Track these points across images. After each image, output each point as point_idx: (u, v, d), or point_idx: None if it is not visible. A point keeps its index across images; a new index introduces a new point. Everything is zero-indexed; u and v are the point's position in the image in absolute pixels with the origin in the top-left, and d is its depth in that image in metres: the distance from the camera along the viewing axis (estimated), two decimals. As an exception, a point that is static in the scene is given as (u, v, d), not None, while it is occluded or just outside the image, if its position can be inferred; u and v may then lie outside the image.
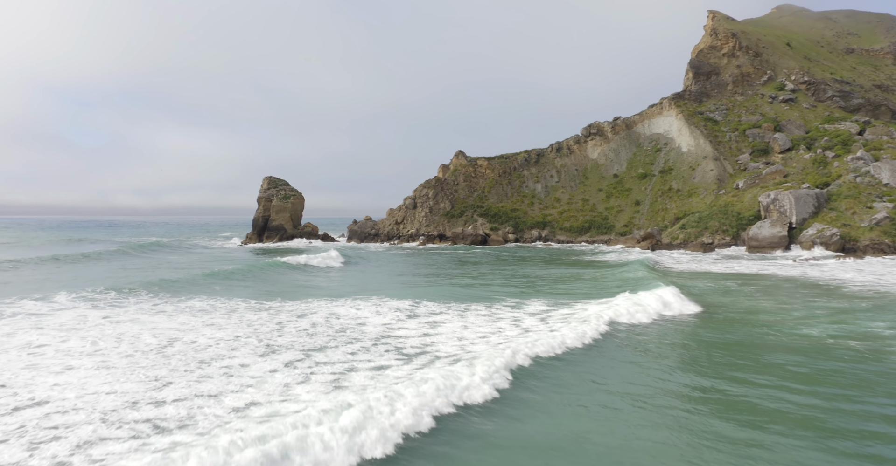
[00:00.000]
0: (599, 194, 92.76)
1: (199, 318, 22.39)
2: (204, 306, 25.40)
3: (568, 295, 29.85)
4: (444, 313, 24.08)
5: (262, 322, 21.66)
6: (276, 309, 24.50)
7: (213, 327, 20.61)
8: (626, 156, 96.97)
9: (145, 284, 31.57)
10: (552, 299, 27.92)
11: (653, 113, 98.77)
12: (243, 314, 23.44)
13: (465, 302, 26.83)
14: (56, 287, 32.85)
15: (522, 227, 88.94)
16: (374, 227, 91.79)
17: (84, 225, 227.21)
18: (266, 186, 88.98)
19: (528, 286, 34.13)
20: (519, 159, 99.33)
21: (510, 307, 25.37)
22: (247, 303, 26.14)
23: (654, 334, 19.69)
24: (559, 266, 49.78)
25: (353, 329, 20.51)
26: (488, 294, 30.03)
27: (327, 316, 23.03)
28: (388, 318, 22.57)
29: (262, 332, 19.66)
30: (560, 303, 26.55)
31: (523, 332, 19.30)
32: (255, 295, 29.53)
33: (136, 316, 22.79)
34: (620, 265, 46.41)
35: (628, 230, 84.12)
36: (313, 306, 25.47)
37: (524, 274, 41.40)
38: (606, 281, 35.67)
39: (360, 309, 24.60)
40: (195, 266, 49.23)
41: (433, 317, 22.97)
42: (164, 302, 26.65)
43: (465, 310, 24.58)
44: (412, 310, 24.44)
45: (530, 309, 25.02)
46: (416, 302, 26.69)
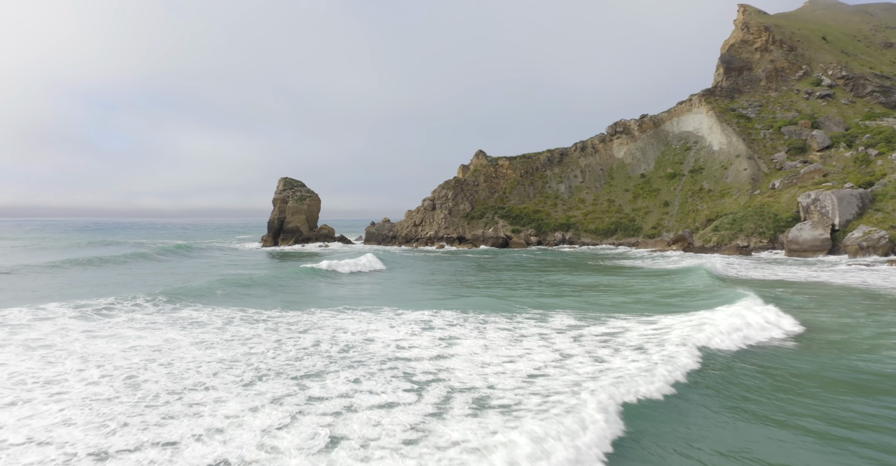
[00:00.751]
0: (626, 195, 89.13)
1: (191, 333, 19.92)
2: (201, 317, 22.97)
3: (618, 308, 26.78)
4: (461, 325, 21.37)
5: (259, 339, 19.09)
6: (278, 323, 21.93)
7: (201, 345, 18.08)
8: (654, 155, 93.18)
9: (149, 291, 29.38)
10: (594, 314, 24.90)
11: (682, 110, 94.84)
12: (239, 328, 20.92)
13: (483, 313, 24.03)
14: (55, 293, 30.82)
15: (545, 229, 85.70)
16: (392, 230, 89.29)
17: (109, 227, 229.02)
18: (282, 187, 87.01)
19: (558, 294, 31.14)
20: (541, 159, 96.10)
21: (534, 319, 22.45)
22: (244, 313, 23.63)
23: (784, 371, 15.00)
24: (594, 272, 46.63)
25: (360, 347, 17.84)
26: (509, 305, 27.12)
27: (334, 331, 20.40)
28: (400, 333, 19.87)
29: (254, 353, 17.07)
30: (602, 319, 23.55)
31: (559, 359, 16.33)
32: (258, 304, 27.04)
33: (120, 330, 20.42)
34: (677, 272, 42.46)
35: (657, 232, 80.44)
36: (319, 318, 22.87)
37: (554, 282, 38.40)
38: (665, 291, 32.33)
39: (370, 322, 21.93)
40: (205, 271, 47.18)
41: (449, 331, 20.23)
42: (159, 311, 24.31)
43: (485, 323, 21.78)
44: (427, 323, 21.73)
45: (556, 322, 22.07)
46: (433, 312, 23.97)
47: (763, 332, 19.32)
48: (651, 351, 16.43)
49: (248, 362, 15.96)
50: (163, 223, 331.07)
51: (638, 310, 25.01)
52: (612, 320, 22.54)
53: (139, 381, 14.03)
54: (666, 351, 15.99)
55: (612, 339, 18.88)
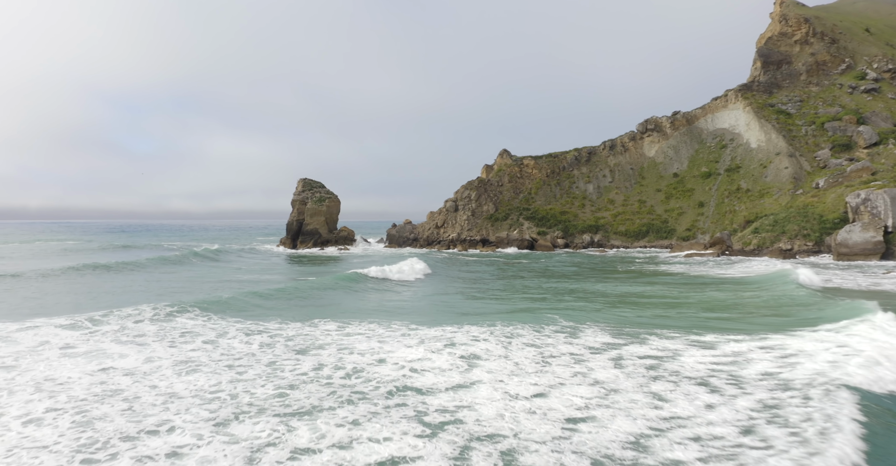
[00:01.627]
0: (658, 195, 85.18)
1: (179, 351, 17.46)
2: (197, 329, 20.47)
3: (659, 323, 23.65)
4: (486, 341, 18.59)
5: (252, 359, 16.50)
6: (276, 338, 19.29)
7: (184, 367, 15.57)
8: (688, 154, 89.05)
9: (154, 300, 27.17)
10: (631, 329, 21.78)
11: (717, 106, 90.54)
12: (234, 344, 18.37)
13: (511, 325, 21.10)
14: (58, 302, 28.73)
15: (573, 232, 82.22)
16: (413, 232, 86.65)
17: (138, 229, 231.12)
18: (300, 188, 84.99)
19: (590, 305, 28.05)
20: (568, 158, 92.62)
21: (565, 334, 19.45)
22: (245, 326, 21.05)
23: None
24: (628, 279, 43.32)
25: (366, 372, 15.12)
26: (537, 316, 24.13)
27: (339, 350, 17.75)
28: (415, 353, 17.11)
29: (242, 379, 14.46)
30: (642, 337, 20.45)
31: (602, 394, 13.29)
32: (265, 316, 24.49)
33: (103, 346, 18.04)
34: (752, 282, 38.64)
35: (691, 234, 76.44)
36: (323, 332, 20.18)
37: (585, 291, 35.27)
38: (720, 302, 28.99)
39: (383, 340, 19.15)
40: (224, 277, 45.07)
41: (470, 348, 17.50)
42: (154, 322, 21.90)
43: (510, 339, 18.87)
44: (446, 338, 18.92)
45: (590, 338, 19.04)
46: (453, 325, 21.14)
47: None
48: (726, 391, 13.28)
49: (232, 391, 13.35)
50: (189, 225, 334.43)
51: (683, 327, 21.81)
52: (654, 339, 19.46)
53: (91, 418, 11.50)
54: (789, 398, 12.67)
55: (661, 365, 15.86)
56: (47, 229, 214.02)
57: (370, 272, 39.28)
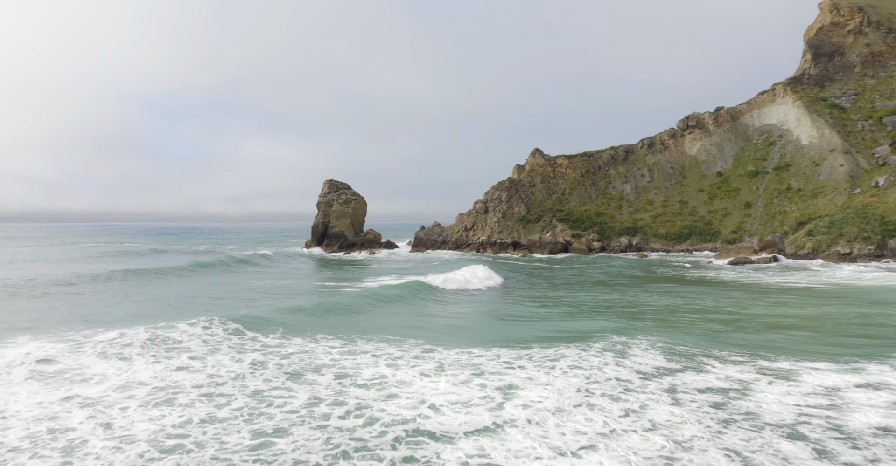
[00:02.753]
0: (700, 195, 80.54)
1: (162, 377, 14.86)
2: (197, 351, 17.85)
3: (716, 341, 20.21)
4: (521, 363, 15.55)
5: (239, 389, 13.75)
6: (276, 357, 16.50)
7: (157, 399, 12.98)
8: (732, 152, 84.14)
9: (162, 313, 24.83)
10: (685, 349, 18.40)
11: (763, 101, 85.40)
12: (221, 365, 15.65)
13: (551, 346, 17.93)
14: (73, 313, 26.58)
15: (609, 234, 78.20)
16: (442, 234, 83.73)
17: (176, 231, 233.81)
18: (326, 190, 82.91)
19: (635, 318, 24.67)
20: (604, 157, 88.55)
21: (611, 353, 16.20)
22: (237, 339, 18.36)
23: None
24: (673, 287, 39.63)
25: (368, 410, 12.25)
26: (582, 336, 20.91)
27: (338, 375, 14.89)
28: (435, 383, 14.13)
29: (216, 419, 11.76)
30: (698, 360, 17.13)
31: (668, 453, 10.03)
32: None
33: (86, 362, 15.70)
34: (831, 292, 34.81)
35: (738, 237, 71.74)
36: (323, 351, 17.33)
37: (630, 302, 31.84)
38: (826, 322, 25.07)
39: (395, 364, 16.22)
40: (260, 287, 42.85)
41: (503, 376, 14.43)
42: (149, 342, 19.40)
43: (552, 362, 15.70)
44: (473, 364, 15.89)
45: (638, 360, 15.85)
46: (481, 347, 18.12)
47: None
48: (837, 454, 9.88)
49: (197, 439, 10.58)
50: (223, 228, 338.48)
51: (747, 347, 18.39)
52: (715, 362, 16.26)
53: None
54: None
55: (730, 403, 12.73)
56: (91, 232, 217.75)
57: (431, 280, 35.45)
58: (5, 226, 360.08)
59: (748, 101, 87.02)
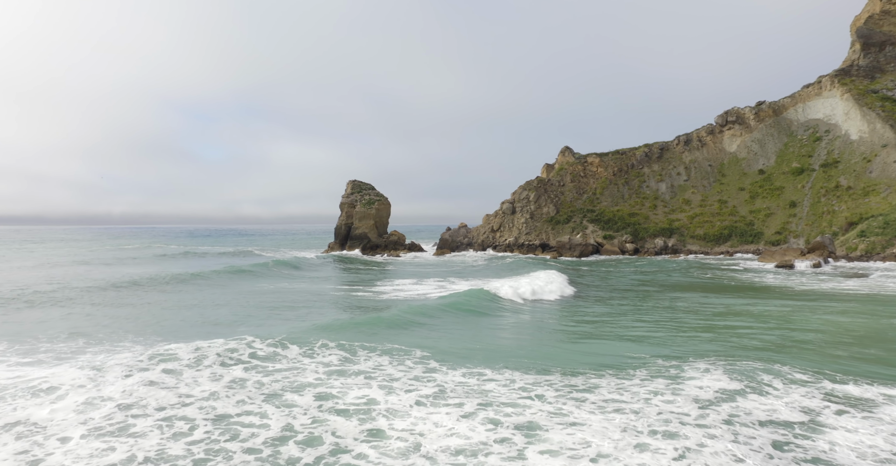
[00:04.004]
0: (741, 194, 76.20)
1: (132, 401, 12.63)
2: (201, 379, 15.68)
3: (777, 360, 17.22)
4: (541, 395, 12.76)
5: (211, 415, 11.44)
6: (266, 379, 14.14)
7: (108, 425, 10.74)
8: (775, 148, 79.52)
9: (172, 328, 22.89)
10: (746, 367, 15.45)
11: (809, 94, 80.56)
12: (200, 385, 13.35)
13: (578, 372, 15.15)
14: (90, 327, 24.94)
15: (643, 235, 74.46)
16: (468, 236, 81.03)
17: (211, 233, 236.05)
18: (349, 191, 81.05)
19: (683, 331, 21.70)
20: (637, 155, 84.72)
21: (663, 379, 13.36)
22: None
23: None
24: (721, 294, 36.35)
25: (352, 453, 9.76)
26: (621, 361, 18.10)
27: (314, 404, 12.46)
28: (438, 425, 11.52)
29: (161, 458, 9.42)
30: (757, 378, 14.28)
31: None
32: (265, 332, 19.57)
33: (52, 374, 13.55)
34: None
35: (782, 238, 67.36)
36: (309, 372, 14.90)
37: (676, 317, 28.80)
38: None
39: (391, 387, 13.70)
40: (316, 298, 40.96)
41: (517, 416, 11.60)
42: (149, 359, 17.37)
43: (585, 394, 12.94)
44: (480, 391, 13.23)
45: (692, 386, 12.95)
46: (492, 369, 15.47)
47: None
48: None
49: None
50: (257, 229, 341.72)
51: (810, 365, 15.44)
52: (777, 383, 13.69)
53: None
54: None
55: (793, 442, 9.95)
56: (132, 233, 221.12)
57: (498, 290, 30.72)
58: (51, 229, 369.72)
59: (792, 95, 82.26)
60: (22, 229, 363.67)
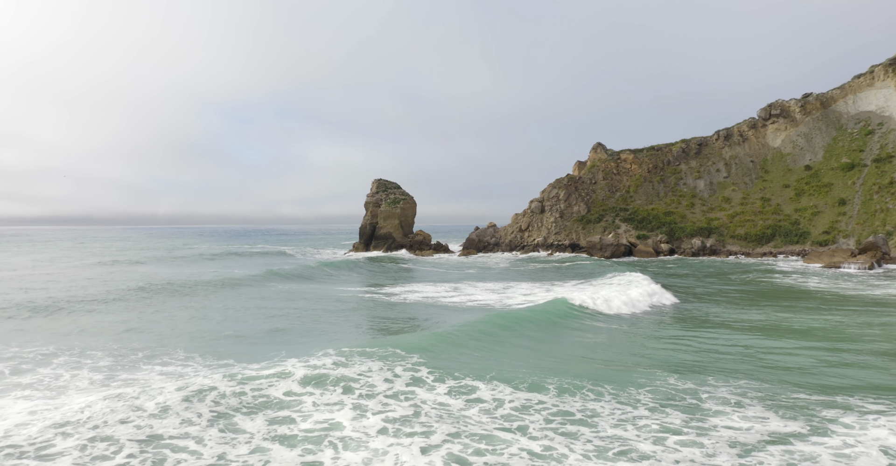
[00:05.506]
0: (786, 192, 71.83)
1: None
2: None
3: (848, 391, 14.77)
4: (579, 427, 10.72)
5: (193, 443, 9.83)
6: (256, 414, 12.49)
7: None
8: (823, 143, 74.76)
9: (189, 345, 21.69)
10: (798, 401, 13.07)
11: (860, 85, 75.47)
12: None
13: (627, 396, 12.94)
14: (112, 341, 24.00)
15: (679, 235, 70.91)
16: (495, 236, 78.74)
17: (250, 234, 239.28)
18: (374, 190, 79.79)
19: (732, 352, 19.25)
20: (674, 151, 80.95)
21: (694, 417, 11.11)
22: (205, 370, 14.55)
23: None
24: (762, 302, 33.37)
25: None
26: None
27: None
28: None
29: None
30: (816, 413, 11.90)
31: None
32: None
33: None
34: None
35: (830, 238, 63.04)
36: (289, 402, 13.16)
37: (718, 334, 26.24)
38: None
39: (389, 414, 11.83)
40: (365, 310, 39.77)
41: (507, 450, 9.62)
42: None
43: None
44: (503, 422, 11.27)
45: (735, 428, 10.67)
46: (520, 391, 13.46)
47: None
48: None
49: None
50: (298, 229, 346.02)
51: (882, 391, 12.87)
52: (844, 417, 10.90)
53: None
54: None
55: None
56: (177, 234, 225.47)
57: (576, 299, 26.20)
58: (100, 229, 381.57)
59: (841, 86, 77.23)
60: (72, 229, 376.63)
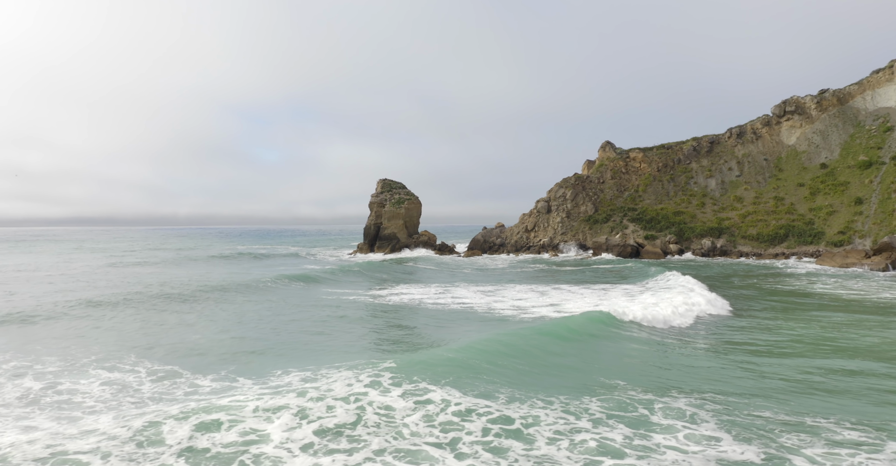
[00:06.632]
0: (800, 191, 69.60)
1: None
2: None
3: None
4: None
5: None
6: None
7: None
8: (839, 140, 72.30)
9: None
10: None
11: (879, 80, 72.84)
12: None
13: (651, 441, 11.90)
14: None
15: (689, 235, 69.08)
16: (501, 236, 77.53)
17: (267, 234, 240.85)
18: (379, 190, 79.16)
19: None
20: (685, 149, 79.00)
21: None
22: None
23: None
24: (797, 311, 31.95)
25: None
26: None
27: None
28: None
29: None
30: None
31: None
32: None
33: None
34: None
35: (846, 238, 60.81)
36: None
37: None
38: None
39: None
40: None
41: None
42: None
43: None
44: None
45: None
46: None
47: None
48: None
49: None
50: (314, 230, 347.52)
51: (857, 415, 11.67)
52: (811, 448, 9.75)
53: None
54: None
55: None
56: (200, 235, 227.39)
57: (617, 310, 22.96)
58: (124, 230, 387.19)
59: (859, 82, 74.65)
60: (95, 230, 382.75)
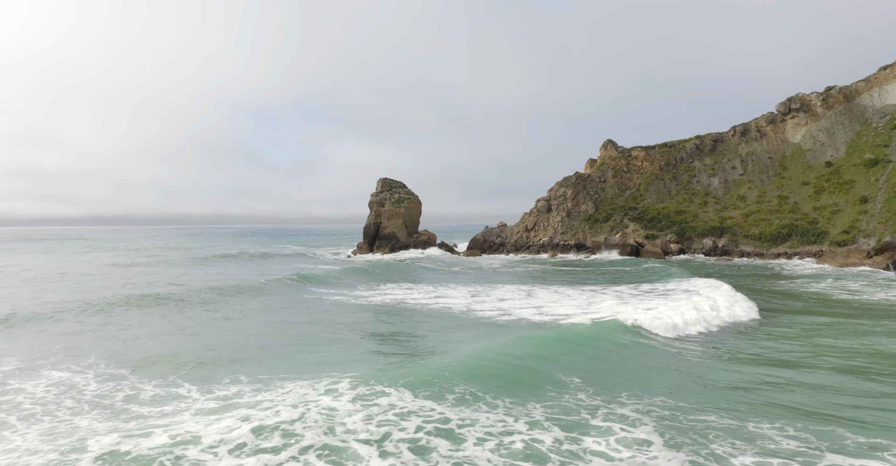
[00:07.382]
0: (805, 189, 68.48)
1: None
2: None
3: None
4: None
5: None
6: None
7: None
8: (845, 138, 71.05)
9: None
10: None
11: (886, 77, 71.50)
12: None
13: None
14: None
15: (690, 235, 68.23)
16: (501, 235, 77.11)
17: (277, 234, 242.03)
18: (379, 189, 79.05)
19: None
20: (687, 147, 78.07)
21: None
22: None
23: None
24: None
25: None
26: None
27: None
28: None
29: None
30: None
31: None
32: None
33: None
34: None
35: (850, 238, 59.72)
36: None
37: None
38: None
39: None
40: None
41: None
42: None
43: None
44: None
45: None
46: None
47: None
48: None
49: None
50: (325, 229, 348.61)
51: (814, 417, 11.34)
52: (746, 457, 9.44)
53: None
54: None
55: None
56: (213, 234, 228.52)
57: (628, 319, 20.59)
58: (137, 229, 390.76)
59: (866, 78, 73.31)
60: (111, 229, 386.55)
